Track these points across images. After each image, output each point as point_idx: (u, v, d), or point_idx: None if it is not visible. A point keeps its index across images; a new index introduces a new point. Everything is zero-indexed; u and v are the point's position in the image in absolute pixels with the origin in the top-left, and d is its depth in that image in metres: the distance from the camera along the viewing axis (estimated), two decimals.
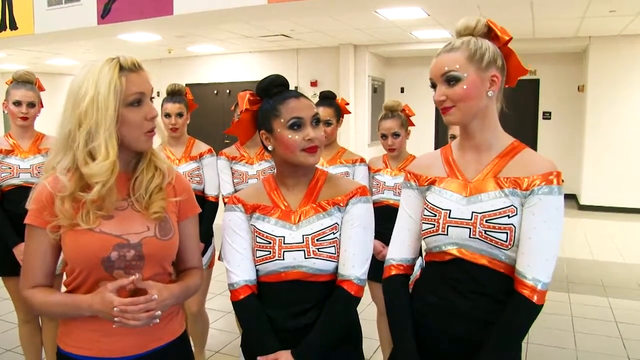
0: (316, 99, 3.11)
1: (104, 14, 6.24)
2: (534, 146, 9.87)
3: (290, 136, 1.56)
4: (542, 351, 3.58)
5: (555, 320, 4.15)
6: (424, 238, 1.55)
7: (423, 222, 1.54)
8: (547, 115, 10.17)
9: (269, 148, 1.64)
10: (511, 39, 1.48)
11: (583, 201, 9.01)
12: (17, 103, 2.84)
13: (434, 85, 1.51)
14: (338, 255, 1.59)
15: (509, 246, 1.41)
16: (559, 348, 3.73)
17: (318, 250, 1.57)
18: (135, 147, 1.45)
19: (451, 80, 1.45)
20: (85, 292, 1.43)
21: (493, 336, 1.40)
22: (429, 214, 1.52)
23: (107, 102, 1.36)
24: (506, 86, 1.54)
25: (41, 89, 2.99)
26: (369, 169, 3.08)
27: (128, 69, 1.41)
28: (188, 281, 1.58)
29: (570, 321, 4.25)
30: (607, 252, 6.41)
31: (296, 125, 1.56)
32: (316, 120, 1.60)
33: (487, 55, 1.45)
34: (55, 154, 1.44)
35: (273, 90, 1.62)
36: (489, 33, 1.50)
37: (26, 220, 1.45)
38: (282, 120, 1.56)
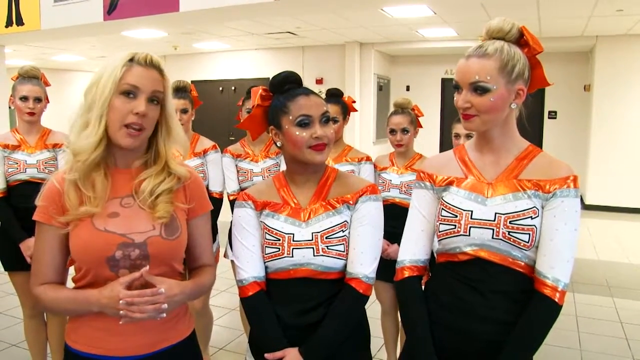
0: (322, 97, 3.11)
1: (110, 10, 6.25)
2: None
3: (297, 133, 1.55)
4: (546, 351, 3.56)
5: (560, 320, 4.03)
6: (441, 239, 1.54)
7: (441, 223, 1.53)
8: (553, 115, 10.14)
9: (278, 144, 1.63)
10: (541, 51, 1.47)
11: (588, 201, 8.98)
12: (24, 98, 2.85)
13: (457, 87, 1.49)
14: (347, 253, 1.58)
15: (530, 247, 1.43)
16: (563, 348, 3.72)
17: (327, 248, 1.56)
18: (113, 138, 1.42)
19: (480, 89, 1.43)
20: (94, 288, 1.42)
21: (515, 336, 1.41)
22: (449, 214, 1.51)
23: (105, 85, 1.39)
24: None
25: (47, 84, 2.99)
26: (375, 167, 3.08)
27: (136, 61, 1.42)
28: (201, 279, 1.57)
29: (575, 321, 4.24)
30: (612, 253, 6.40)
31: (304, 122, 1.55)
32: (325, 119, 1.59)
33: (518, 68, 1.44)
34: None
35: (285, 86, 1.61)
36: (520, 39, 1.48)
37: (35, 217, 1.45)
38: (290, 118, 1.56)
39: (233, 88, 11.66)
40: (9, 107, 3.05)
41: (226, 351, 3.69)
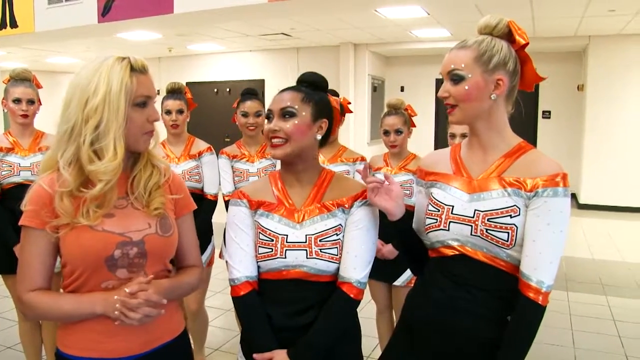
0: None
1: (105, 12, 6.24)
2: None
3: (266, 127, 1.62)
4: (540, 349, 3.59)
5: (554, 319, 4.15)
6: (427, 233, 1.56)
7: (426, 217, 1.55)
8: (547, 114, 10.18)
9: None
10: (527, 44, 1.48)
11: (582, 200, 9.02)
12: (17, 101, 2.86)
13: (442, 81, 1.53)
14: (340, 257, 1.58)
15: (510, 246, 1.42)
16: (557, 346, 3.75)
17: (320, 251, 1.56)
18: (133, 146, 1.46)
19: (455, 78, 1.46)
20: (87, 292, 1.42)
21: (505, 341, 1.41)
22: (433, 209, 1.53)
23: (119, 101, 1.37)
24: (521, 89, 1.54)
25: (38, 86, 3.00)
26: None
27: (138, 70, 1.43)
28: (182, 278, 1.58)
29: (569, 319, 4.27)
30: (606, 251, 6.43)
31: (268, 117, 1.62)
32: (288, 113, 1.58)
33: (496, 58, 1.45)
34: (56, 147, 1.43)
35: (302, 85, 1.70)
36: (510, 35, 1.49)
37: (22, 222, 1.42)
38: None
39: (228, 90, 11.64)
40: (3, 111, 3.05)
41: (222, 352, 3.70)
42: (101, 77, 1.38)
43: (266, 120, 1.63)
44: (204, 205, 3.18)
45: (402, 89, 11.19)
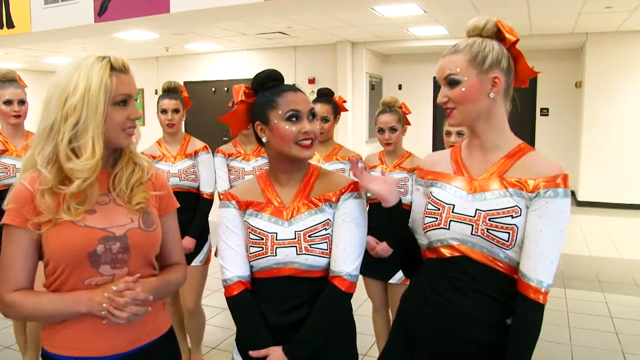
0: (314, 96, 3.13)
1: (101, 12, 6.24)
2: (531, 142, 9.87)
3: (287, 127, 1.56)
4: (538, 346, 3.56)
5: (551, 316, 4.14)
6: (426, 232, 1.56)
7: (425, 216, 1.55)
8: (545, 112, 10.19)
9: (263, 140, 1.64)
10: (517, 40, 1.49)
11: (581, 197, 9.03)
12: (9, 102, 2.85)
13: (440, 86, 1.54)
14: (330, 252, 1.59)
15: (510, 246, 1.42)
16: (554, 343, 3.75)
17: (310, 247, 1.57)
18: (115, 143, 1.47)
19: (452, 82, 1.48)
20: (69, 290, 1.42)
21: (510, 344, 1.42)
22: (433, 207, 1.53)
23: (98, 99, 1.38)
24: (516, 86, 1.55)
25: (24, 85, 3.00)
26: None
27: (118, 69, 1.43)
28: (168, 276, 1.59)
29: (566, 316, 4.27)
30: (603, 248, 6.44)
31: (294, 117, 1.57)
32: (312, 115, 1.61)
33: (490, 58, 1.47)
34: (35, 144, 1.44)
35: (269, 83, 1.63)
36: (499, 34, 1.50)
37: (4, 221, 1.41)
38: (279, 112, 1.57)
39: (225, 89, 11.64)
40: None
41: (219, 350, 3.70)
42: (80, 75, 1.39)
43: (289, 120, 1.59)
44: (201, 204, 3.19)
45: (400, 87, 11.19)
